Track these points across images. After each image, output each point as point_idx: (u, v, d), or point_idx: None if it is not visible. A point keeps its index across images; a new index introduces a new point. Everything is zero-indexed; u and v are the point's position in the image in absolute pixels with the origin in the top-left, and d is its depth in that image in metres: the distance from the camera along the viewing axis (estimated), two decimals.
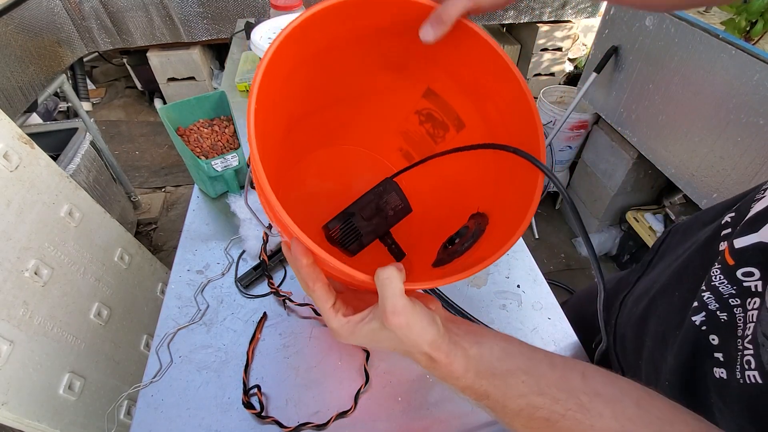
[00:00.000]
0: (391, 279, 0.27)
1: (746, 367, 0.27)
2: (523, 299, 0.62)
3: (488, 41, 0.33)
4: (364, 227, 0.47)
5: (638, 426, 0.25)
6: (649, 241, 1.44)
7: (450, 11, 0.31)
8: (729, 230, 0.34)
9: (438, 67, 0.40)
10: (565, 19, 2.24)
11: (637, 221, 1.49)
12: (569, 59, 2.38)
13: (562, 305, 0.62)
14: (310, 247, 0.27)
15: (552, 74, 2.36)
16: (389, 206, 0.47)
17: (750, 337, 0.27)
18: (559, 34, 2.28)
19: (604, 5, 1.72)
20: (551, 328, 0.58)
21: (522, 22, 2.21)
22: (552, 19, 2.22)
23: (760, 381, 0.26)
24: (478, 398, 0.29)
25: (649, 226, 1.45)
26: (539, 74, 2.35)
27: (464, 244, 0.38)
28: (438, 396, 0.50)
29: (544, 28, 2.23)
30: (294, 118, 0.42)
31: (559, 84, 2.04)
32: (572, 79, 2.09)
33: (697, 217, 0.46)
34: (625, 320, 0.47)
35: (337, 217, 0.46)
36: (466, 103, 0.41)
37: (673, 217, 1.41)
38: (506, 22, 2.24)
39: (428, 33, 0.32)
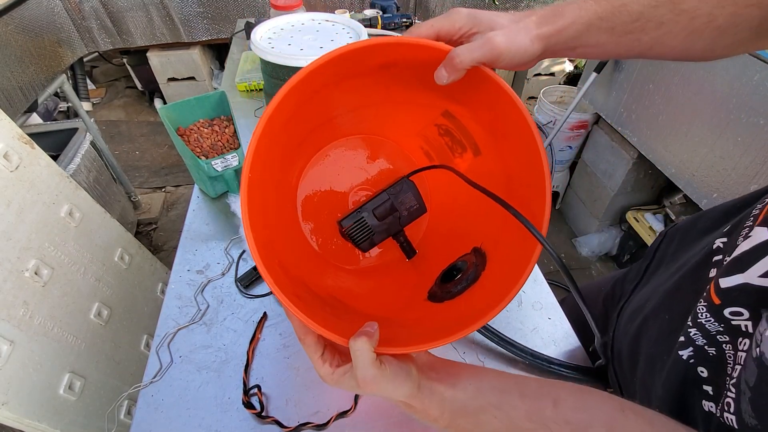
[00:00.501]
0: (361, 351, 0.29)
1: (726, 408, 0.28)
2: (523, 299, 0.62)
3: (507, 92, 0.33)
4: (377, 227, 0.48)
5: None
6: (649, 241, 1.43)
7: (463, 59, 0.31)
8: (720, 256, 0.34)
9: (456, 101, 0.40)
10: None
11: (637, 221, 1.49)
12: (569, 59, 2.38)
13: (561, 303, 0.61)
14: (297, 315, 0.30)
15: (552, 74, 2.36)
16: (404, 206, 0.48)
17: (735, 380, 0.27)
18: None
19: None
20: (551, 328, 0.58)
21: None
22: None
23: (735, 426, 0.26)
24: None
25: (649, 226, 1.45)
26: (539, 74, 2.35)
27: (458, 286, 0.40)
28: None
29: None
30: (312, 126, 0.43)
31: (559, 84, 2.04)
32: (572, 79, 2.09)
33: (693, 223, 0.45)
34: (621, 335, 0.47)
35: (351, 216, 0.47)
36: (484, 136, 0.41)
37: (673, 217, 1.41)
38: None
39: (442, 76, 0.33)
